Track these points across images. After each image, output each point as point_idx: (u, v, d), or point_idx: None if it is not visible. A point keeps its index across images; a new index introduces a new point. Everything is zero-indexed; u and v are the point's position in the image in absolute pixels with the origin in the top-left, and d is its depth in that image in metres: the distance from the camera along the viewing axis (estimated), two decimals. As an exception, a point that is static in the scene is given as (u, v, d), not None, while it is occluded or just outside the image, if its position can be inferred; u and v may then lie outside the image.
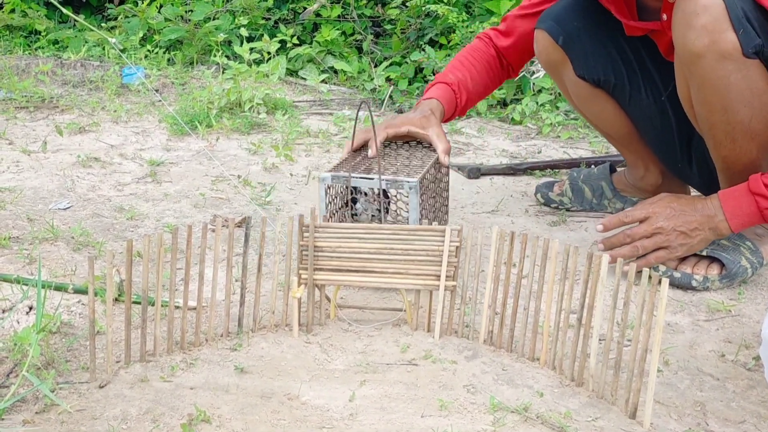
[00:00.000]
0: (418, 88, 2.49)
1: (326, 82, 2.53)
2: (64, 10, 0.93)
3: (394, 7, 2.74)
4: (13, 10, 3.05)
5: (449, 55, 2.50)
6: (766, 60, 1.10)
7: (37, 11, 3.04)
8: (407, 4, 2.74)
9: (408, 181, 1.17)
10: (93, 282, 0.96)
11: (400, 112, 2.33)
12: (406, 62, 2.59)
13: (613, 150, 1.99)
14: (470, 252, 1.11)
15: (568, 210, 1.62)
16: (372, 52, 2.68)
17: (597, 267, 0.99)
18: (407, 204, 1.22)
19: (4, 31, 2.99)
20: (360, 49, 2.74)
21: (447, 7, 2.53)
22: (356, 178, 1.19)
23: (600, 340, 1.07)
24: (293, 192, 1.71)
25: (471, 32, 2.46)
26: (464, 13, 2.54)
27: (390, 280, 1.12)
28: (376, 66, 2.60)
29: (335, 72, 2.63)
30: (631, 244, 1.18)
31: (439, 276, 1.11)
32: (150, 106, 2.22)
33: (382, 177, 1.17)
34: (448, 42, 2.58)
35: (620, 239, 1.20)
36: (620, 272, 0.99)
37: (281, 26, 2.74)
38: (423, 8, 2.65)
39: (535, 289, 1.20)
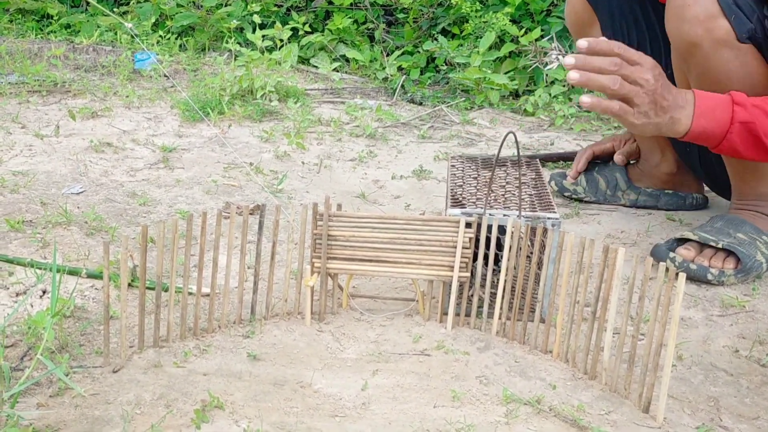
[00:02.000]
0: (430, 78, 2.48)
1: (338, 71, 2.52)
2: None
3: (407, -4, 2.72)
4: (25, -6, 3.04)
5: (462, 45, 2.49)
6: (758, 44, 1.10)
7: (50, -5, 3.03)
8: (420, -8, 2.73)
9: (550, 217, 1.10)
10: (108, 267, 0.96)
11: (412, 101, 2.32)
12: (418, 51, 2.58)
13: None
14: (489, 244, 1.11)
15: (581, 200, 1.61)
16: (384, 41, 2.67)
17: (612, 260, 0.99)
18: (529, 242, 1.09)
19: (17, 14, 2.99)
20: (372, 38, 2.73)
21: (460, -4, 2.51)
22: (493, 215, 1.09)
23: (614, 333, 1.07)
24: (305, 180, 1.71)
25: (484, 22, 2.44)
26: (477, 3, 2.52)
27: (403, 270, 1.12)
28: (388, 55, 2.59)
29: (347, 60, 2.62)
30: (612, 75, 0.99)
31: (452, 267, 1.11)
32: (162, 92, 2.22)
33: (522, 214, 1.09)
34: (461, 32, 2.57)
35: (607, 65, 0.99)
36: (635, 265, 0.98)
37: (293, 13, 2.73)
38: (436, -3, 2.63)
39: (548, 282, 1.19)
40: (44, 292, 1.16)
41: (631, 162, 1.61)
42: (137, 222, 1.44)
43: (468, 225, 1.10)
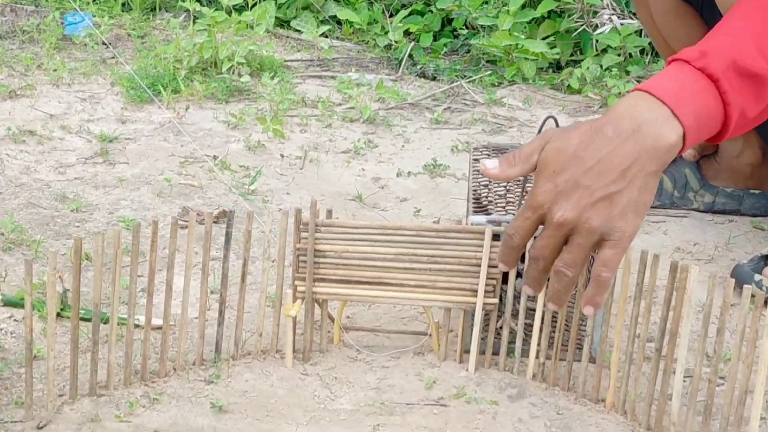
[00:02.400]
0: (446, 45, 2.49)
1: (327, 36, 2.53)
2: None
3: (416, -60, 2.74)
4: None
5: (486, 2, 2.49)
6: None
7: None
8: (433, -65, 2.74)
9: None
10: (30, 292, 0.97)
11: (423, 76, 2.33)
12: (431, 11, 2.58)
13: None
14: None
15: None
16: (386, -2, 2.68)
17: (683, 282, 0.99)
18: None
19: None
20: (371, -7, 2.74)
21: (485, -61, 2.52)
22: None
23: (685, 376, 1.07)
24: (285, 178, 1.71)
25: (514, -27, 2.45)
26: (507, -52, 2.53)
27: (412, 295, 1.12)
28: (391, 16, 2.60)
29: (339, 23, 2.63)
30: (552, 275, 0.75)
31: (475, 291, 1.11)
32: (100, 65, 2.23)
33: None
34: (486, -15, 2.58)
35: (534, 272, 0.76)
36: (712, 288, 0.99)
37: (269, -38, 2.74)
38: (453, -59, 2.64)
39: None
40: (-51, 324, 1.17)
41: (705, 154, 1.62)
42: (68, 233, 1.44)
43: (496, 237, 1.11)
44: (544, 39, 2.37)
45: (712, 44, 0.78)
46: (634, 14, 2.34)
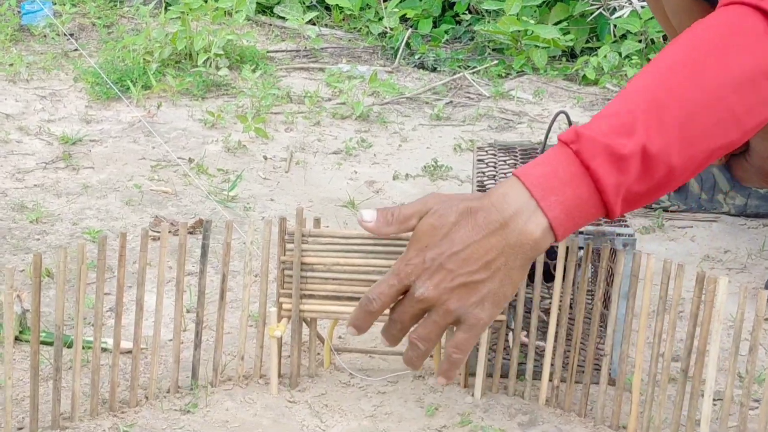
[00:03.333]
0: (447, 33, 2.50)
1: (315, 23, 2.54)
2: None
3: None
4: None
5: (492, -16, 2.51)
6: None
7: None
8: None
9: (620, 234, 1.10)
10: (-14, 314, 0.97)
11: (422, 66, 2.34)
12: (430, -6, 2.60)
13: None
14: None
15: (666, 210, 1.62)
16: (380, -20, 2.69)
17: (711, 295, 1.00)
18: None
19: None
20: (363, -24, 2.75)
21: None
22: None
23: (715, 399, 1.07)
24: (268, 183, 1.71)
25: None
26: (514, -76, 2.54)
27: (411, 312, 1.13)
28: (386, 0, 2.61)
29: (327, 9, 2.64)
30: (408, 344, 0.82)
31: (481, 306, 1.12)
32: (61, 59, 2.24)
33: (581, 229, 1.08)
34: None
35: (389, 332, 0.84)
36: (743, 301, 0.99)
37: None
38: None
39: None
40: None
41: (735, 153, 1.62)
42: (27, 247, 1.44)
43: (503, 246, 1.11)
44: (556, 24, 2.39)
45: (590, 125, 0.84)
46: None
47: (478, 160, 1.39)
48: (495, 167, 1.38)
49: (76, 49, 2.27)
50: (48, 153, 1.78)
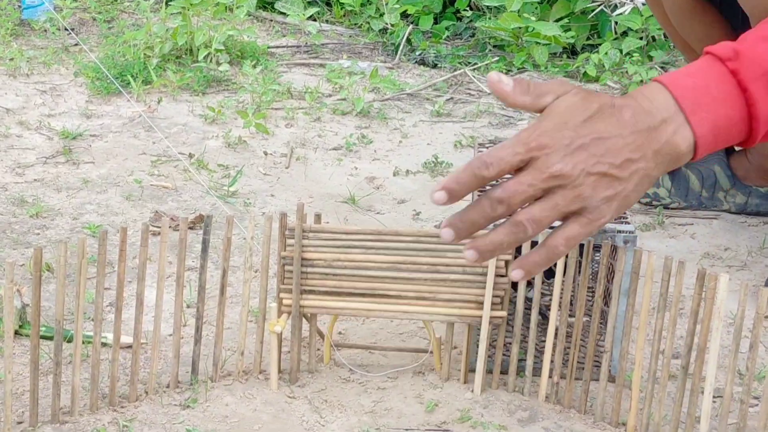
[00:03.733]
0: (448, 29, 2.50)
1: (315, 19, 2.54)
2: None
3: None
4: None
5: (493, -19, 2.51)
6: None
7: None
8: None
9: (621, 231, 1.10)
10: (-14, 308, 0.97)
11: (422, 63, 2.34)
12: (431, -10, 2.60)
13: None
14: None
15: (666, 207, 1.62)
16: (381, -24, 2.69)
17: (711, 292, 1.00)
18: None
19: None
20: (364, -28, 2.75)
21: None
22: None
23: (715, 397, 1.08)
24: (269, 179, 1.72)
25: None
26: None
27: (411, 308, 1.13)
28: (387, -4, 2.60)
29: (328, 4, 2.64)
30: (509, 223, 0.74)
31: (481, 303, 1.12)
32: (62, 53, 2.24)
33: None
34: (492, -39, 2.59)
35: (481, 215, 0.74)
36: (744, 299, 0.99)
37: (250, -63, 2.74)
38: None
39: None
40: None
41: (735, 149, 1.63)
42: (27, 242, 1.44)
43: (503, 242, 1.11)
44: (557, 21, 2.38)
45: (749, 45, 0.79)
46: None
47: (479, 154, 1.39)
48: (496, 164, 1.38)
49: (76, 44, 2.27)
50: (48, 148, 1.78)
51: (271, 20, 2.54)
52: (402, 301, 1.14)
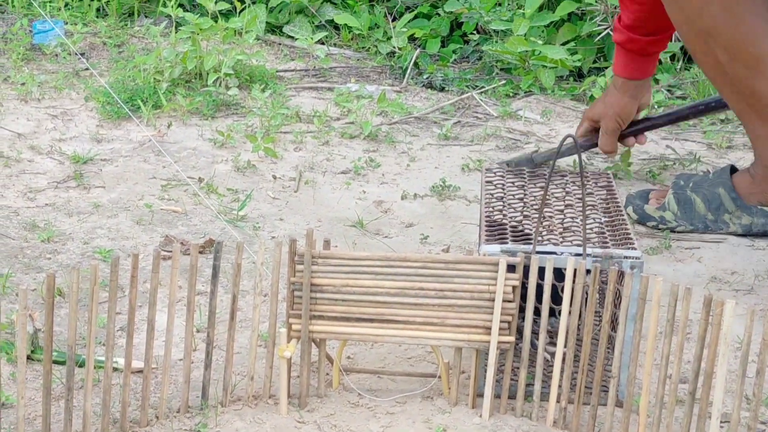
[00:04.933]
0: (455, 52, 2.52)
1: (324, 43, 2.56)
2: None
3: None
4: None
5: (500, 5, 2.52)
6: None
7: None
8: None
9: (628, 256, 1.12)
10: (-1, 335, 0.99)
11: (430, 86, 2.35)
12: (438, 14, 2.61)
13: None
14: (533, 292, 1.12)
15: (673, 230, 1.63)
16: (389, 0, 2.71)
17: (718, 317, 1.00)
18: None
19: None
20: (372, -4, 2.77)
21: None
22: (545, 254, 1.13)
23: (722, 422, 1.08)
24: (277, 203, 1.73)
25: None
26: (522, -55, 2.56)
27: (419, 333, 1.14)
28: (394, 20, 2.62)
29: (336, 28, 2.66)
30: None
31: (489, 328, 1.13)
32: (73, 78, 2.26)
33: (588, 251, 1.12)
34: (497, -15, 2.61)
35: None
36: (750, 324, 1.00)
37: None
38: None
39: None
40: None
41: (738, 169, 1.63)
42: (39, 266, 1.45)
43: (511, 268, 1.12)
44: (563, 44, 2.40)
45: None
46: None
47: (487, 181, 1.40)
48: (503, 188, 1.40)
49: (87, 69, 2.29)
50: (59, 172, 1.80)
51: (280, 44, 2.56)
52: (410, 326, 1.14)
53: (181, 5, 2.54)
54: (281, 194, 1.76)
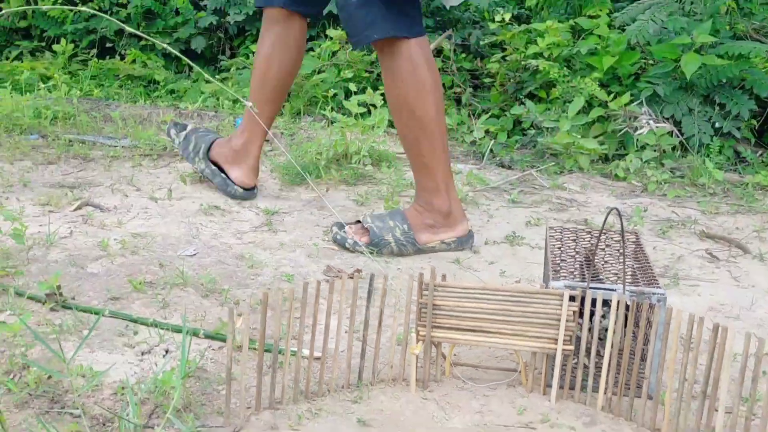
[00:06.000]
0: (517, 141, 2.52)
1: (427, 134, 2.59)
2: (187, 60, 1.01)
3: (494, 62, 2.80)
4: (134, 61, 3.29)
5: (549, 109, 2.53)
6: None
7: (156, 62, 3.27)
8: (507, 58, 2.79)
9: (655, 293, 1.10)
10: (233, 333, 1.03)
11: (501, 165, 2.36)
12: (505, 115, 2.63)
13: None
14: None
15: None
16: (470, 105, 2.73)
17: (723, 338, 0.99)
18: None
19: (126, 80, 3.23)
20: (459, 101, 2.80)
21: (548, 62, 2.56)
22: (596, 289, 1.11)
23: (726, 413, 1.05)
24: (401, 244, 1.76)
25: (572, 87, 2.48)
26: (565, 68, 2.56)
27: (507, 341, 1.15)
28: (477, 118, 2.65)
29: (435, 124, 2.69)
30: None
31: (556, 339, 1.13)
32: (262, 156, 2.33)
33: (626, 288, 1.09)
34: (548, 96, 2.61)
35: None
36: (747, 346, 0.98)
37: (384, 79, 2.83)
38: (523, 62, 2.69)
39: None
40: (167, 351, 1.24)
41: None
42: (246, 284, 1.51)
43: (572, 298, 1.12)
44: (595, 137, 2.39)
45: None
46: (666, 119, 2.33)
47: (550, 237, 1.41)
48: (561, 241, 1.39)
49: (271, 150, 2.37)
50: (256, 220, 1.86)
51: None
52: (501, 335, 1.15)
53: (333, 108, 2.62)
54: (403, 239, 1.78)
